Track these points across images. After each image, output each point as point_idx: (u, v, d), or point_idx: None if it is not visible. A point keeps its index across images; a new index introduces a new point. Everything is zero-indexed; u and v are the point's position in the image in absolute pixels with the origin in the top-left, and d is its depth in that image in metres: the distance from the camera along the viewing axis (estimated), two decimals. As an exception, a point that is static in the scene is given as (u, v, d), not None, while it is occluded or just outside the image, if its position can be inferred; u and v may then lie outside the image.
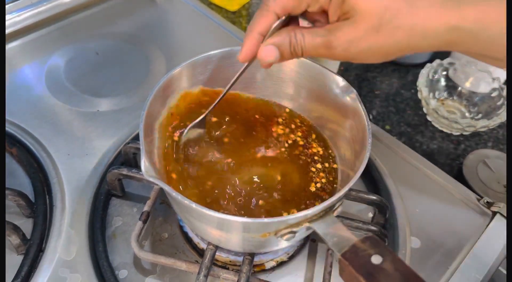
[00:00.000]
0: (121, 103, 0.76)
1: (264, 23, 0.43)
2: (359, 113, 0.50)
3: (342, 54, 0.41)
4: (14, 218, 0.60)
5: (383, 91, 0.87)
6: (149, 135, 0.51)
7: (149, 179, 0.43)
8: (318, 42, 0.41)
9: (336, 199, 0.43)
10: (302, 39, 0.42)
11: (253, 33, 0.44)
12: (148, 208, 0.59)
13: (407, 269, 0.37)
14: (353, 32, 0.40)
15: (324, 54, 0.42)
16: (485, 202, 0.65)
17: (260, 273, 0.58)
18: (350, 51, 0.40)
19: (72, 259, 0.57)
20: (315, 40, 0.42)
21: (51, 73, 0.81)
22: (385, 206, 0.59)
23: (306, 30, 0.42)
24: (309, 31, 0.42)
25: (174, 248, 0.59)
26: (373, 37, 0.39)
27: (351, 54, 0.41)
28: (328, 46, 0.41)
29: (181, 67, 0.54)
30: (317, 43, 0.41)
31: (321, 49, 0.42)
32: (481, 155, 0.74)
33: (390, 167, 0.69)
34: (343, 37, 0.40)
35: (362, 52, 0.40)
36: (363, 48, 0.40)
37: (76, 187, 0.64)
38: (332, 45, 0.41)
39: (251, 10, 1.04)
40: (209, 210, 0.41)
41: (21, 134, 0.70)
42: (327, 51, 0.41)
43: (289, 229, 0.44)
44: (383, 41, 0.39)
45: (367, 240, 0.39)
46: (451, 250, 0.61)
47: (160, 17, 0.96)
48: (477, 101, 0.81)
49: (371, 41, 0.39)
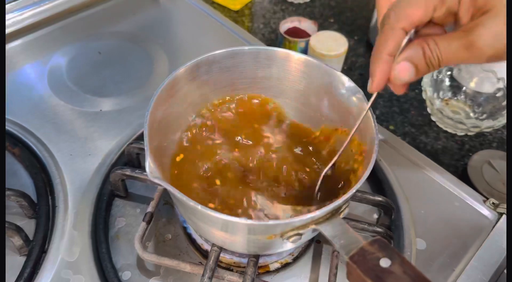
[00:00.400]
0: (124, 103, 0.76)
1: (392, 43, 0.39)
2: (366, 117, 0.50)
3: (490, 52, 0.36)
4: (17, 219, 0.59)
5: (387, 91, 0.86)
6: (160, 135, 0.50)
7: (154, 180, 0.42)
8: (456, 45, 0.37)
9: (343, 201, 0.43)
10: (436, 47, 0.38)
11: (382, 55, 0.39)
12: (152, 209, 0.58)
13: (416, 273, 0.36)
14: (498, 26, 0.35)
15: (466, 58, 0.37)
16: (491, 203, 0.65)
17: (265, 275, 0.57)
18: (499, 48, 0.35)
19: (75, 260, 0.56)
20: (451, 45, 0.37)
21: (53, 73, 0.80)
22: (390, 207, 0.59)
23: (439, 37, 0.38)
24: (442, 37, 0.38)
25: (177, 249, 0.59)
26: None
27: (500, 51, 0.36)
28: (470, 47, 0.36)
29: (185, 67, 0.53)
30: (455, 47, 0.37)
31: (462, 53, 0.37)
32: (486, 155, 0.74)
33: (395, 167, 0.69)
34: (488, 33, 0.35)
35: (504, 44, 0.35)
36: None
37: (78, 187, 0.63)
38: (476, 45, 0.36)
39: (254, 9, 1.03)
40: (214, 211, 0.41)
41: (23, 134, 0.69)
42: (470, 53, 0.36)
43: (295, 231, 0.43)
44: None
45: (375, 243, 0.39)
46: (456, 251, 0.61)
47: (162, 17, 0.95)
48: (481, 102, 0.81)
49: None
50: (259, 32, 0.98)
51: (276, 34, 0.97)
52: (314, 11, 1.04)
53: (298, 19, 0.91)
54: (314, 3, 1.06)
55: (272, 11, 1.03)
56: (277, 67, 0.57)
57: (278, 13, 1.03)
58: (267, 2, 1.06)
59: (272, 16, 1.02)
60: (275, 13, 1.03)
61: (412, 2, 0.38)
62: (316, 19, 0.91)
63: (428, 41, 0.38)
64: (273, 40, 0.96)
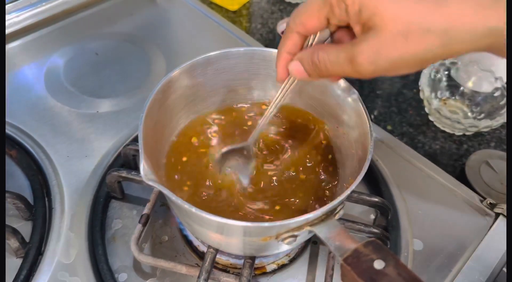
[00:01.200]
0: (121, 104, 0.76)
1: (290, 44, 0.43)
2: (360, 115, 0.50)
3: (371, 68, 0.36)
4: (13, 221, 0.60)
5: (385, 91, 0.86)
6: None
7: (148, 183, 0.42)
8: (342, 58, 0.37)
9: (338, 202, 0.43)
10: (326, 56, 0.39)
11: (282, 53, 0.44)
12: (148, 211, 0.58)
13: (410, 275, 0.36)
14: (379, 42, 0.35)
15: (350, 72, 0.38)
16: (488, 203, 0.65)
17: (261, 276, 0.57)
18: (379, 64, 0.36)
19: (71, 262, 0.56)
20: (339, 57, 0.38)
21: (50, 74, 0.80)
22: (387, 208, 0.59)
23: (334, 47, 0.39)
24: (336, 47, 0.39)
25: (174, 251, 0.59)
26: (403, 45, 0.34)
27: (380, 67, 0.36)
28: (352, 61, 0.37)
29: (180, 69, 0.53)
30: (342, 59, 0.38)
31: (346, 67, 0.38)
32: (484, 155, 0.73)
33: (392, 168, 0.68)
34: (369, 49, 0.36)
35: (393, 63, 0.36)
36: (393, 58, 0.35)
37: (75, 189, 0.63)
38: (357, 61, 0.36)
39: (252, 10, 1.03)
40: (209, 214, 0.41)
41: (20, 136, 0.69)
42: (353, 68, 0.37)
43: (290, 233, 0.43)
44: (414, 49, 0.34)
45: (369, 245, 0.39)
46: (454, 252, 0.60)
47: (160, 17, 0.95)
48: (479, 101, 0.80)
49: (401, 50, 0.35)
50: (257, 32, 0.97)
51: (274, 34, 0.97)
52: (312, 11, 1.04)
53: (295, 19, 0.91)
54: (312, 3, 1.06)
55: (270, 11, 1.03)
56: (272, 68, 0.57)
57: (276, 13, 1.03)
58: (265, 2, 1.05)
59: (270, 16, 1.02)
60: (273, 13, 1.03)
61: (307, 12, 0.40)
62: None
63: (320, 50, 0.40)
64: (271, 41, 0.96)
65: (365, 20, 0.36)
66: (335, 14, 0.38)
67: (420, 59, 0.35)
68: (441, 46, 0.34)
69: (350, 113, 0.52)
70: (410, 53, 0.35)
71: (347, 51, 0.37)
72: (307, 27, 0.41)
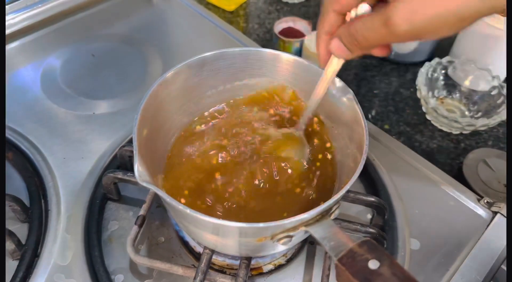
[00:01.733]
0: (117, 106, 0.76)
1: (327, 24, 0.42)
2: (356, 114, 0.50)
3: (408, 30, 0.35)
4: (9, 223, 0.60)
5: (382, 91, 0.86)
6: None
7: (143, 184, 0.42)
8: (378, 22, 0.36)
9: (333, 202, 0.42)
10: (362, 25, 0.38)
11: (321, 35, 0.43)
12: (144, 212, 0.58)
13: (404, 274, 0.36)
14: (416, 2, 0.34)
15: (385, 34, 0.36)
16: (485, 202, 0.65)
17: (258, 277, 0.57)
18: (415, 23, 0.34)
19: (67, 264, 0.56)
20: (374, 22, 0.37)
21: (46, 76, 0.80)
22: (383, 207, 0.59)
23: (370, 15, 0.38)
24: (372, 14, 0.38)
25: (170, 252, 0.59)
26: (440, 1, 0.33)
27: (417, 28, 0.34)
28: (387, 23, 0.35)
29: (175, 69, 0.53)
30: (377, 23, 0.36)
31: (383, 31, 0.36)
32: (481, 154, 0.73)
33: (389, 167, 0.68)
34: (404, 7, 0.34)
35: (431, 21, 0.34)
36: (430, 16, 0.34)
37: (71, 191, 0.63)
38: (393, 22, 0.35)
39: (248, 10, 1.03)
40: (204, 215, 0.41)
41: (17, 138, 0.69)
42: (389, 30, 0.36)
43: (285, 233, 0.43)
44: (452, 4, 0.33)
45: (364, 244, 0.39)
46: (451, 251, 0.60)
47: (156, 18, 0.95)
48: (476, 100, 0.80)
49: (438, 6, 0.33)
50: (254, 32, 0.97)
51: (271, 34, 0.97)
52: (309, 11, 1.04)
53: (292, 19, 0.91)
54: (309, 3, 1.06)
55: (267, 11, 1.03)
56: (267, 68, 0.57)
57: (273, 13, 1.03)
58: (262, 3, 1.05)
59: (266, 16, 1.02)
60: (270, 14, 1.02)
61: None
62: (311, 19, 0.91)
63: (355, 20, 0.39)
64: (268, 41, 0.96)
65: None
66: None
67: (460, 16, 0.34)
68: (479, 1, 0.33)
69: (345, 113, 0.52)
70: (448, 10, 0.33)
71: (382, 14, 0.36)
72: (342, 2, 0.40)
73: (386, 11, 0.35)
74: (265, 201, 0.52)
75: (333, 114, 0.55)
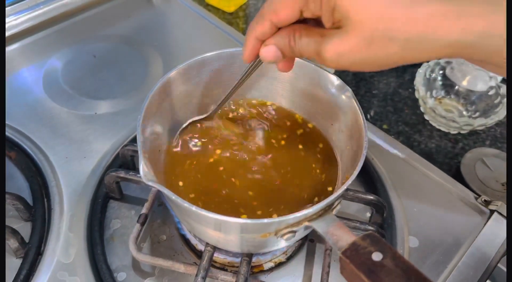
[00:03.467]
0: (119, 106, 0.77)
1: (260, 29, 0.43)
2: (355, 111, 0.51)
3: (333, 65, 0.39)
4: (13, 222, 0.60)
5: (381, 91, 0.87)
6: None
7: (148, 183, 0.43)
8: (312, 49, 0.40)
9: (334, 197, 0.43)
10: (300, 42, 0.41)
11: (250, 38, 0.44)
12: (146, 211, 0.59)
13: (408, 265, 0.37)
14: (343, 45, 0.37)
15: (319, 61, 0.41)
16: (482, 201, 0.65)
17: (259, 274, 0.58)
18: (341, 63, 0.38)
19: (70, 262, 0.57)
20: (309, 47, 0.40)
21: (48, 76, 0.81)
22: (382, 205, 0.59)
23: (305, 32, 0.41)
24: (307, 33, 0.40)
25: (172, 250, 0.59)
26: (365, 49, 0.36)
27: (342, 66, 0.39)
28: (319, 54, 0.39)
29: (176, 70, 0.54)
30: (311, 49, 0.40)
31: (315, 56, 0.40)
32: (479, 153, 0.74)
33: (388, 166, 0.69)
34: (333, 50, 0.38)
35: (354, 64, 0.38)
36: (354, 60, 0.38)
37: (74, 190, 0.64)
38: (322, 56, 0.39)
39: (248, 11, 1.04)
40: (210, 212, 0.41)
41: (19, 138, 0.70)
42: (320, 59, 0.40)
43: (289, 228, 0.44)
44: (374, 54, 0.36)
45: (367, 238, 0.39)
46: (449, 248, 0.61)
47: (157, 19, 0.96)
48: (474, 100, 0.81)
49: (362, 53, 0.37)
50: (254, 33, 0.98)
51: (270, 35, 0.97)
52: (308, 12, 1.04)
53: (291, 20, 0.92)
54: (308, 4, 1.07)
55: (266, 12, 1.04)
56: (267, 68, 0.58)
57: (272, 15, 1.03)
58: (262, 4, 1.06)
59: (266, 17, 1.02)
60: (269, 15, 1.03)
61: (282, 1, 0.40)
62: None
63: (296, 33, 0.41)
64: (268, 42, 0.96)
65: (336, 19, 0.37)
66: (310, 8, 0.39)
67: (379, 64, 0.37)
68: (401, 54, 0.36)
69: (344, 110, 0.53)
70: (371, 58, 0.37)
71: (316, 43, 0.39)
72: (280, 16, 0.40)
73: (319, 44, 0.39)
74: (266, 199, 0.53)
75: (332, 112, 0.55)
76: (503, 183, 0.70)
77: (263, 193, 0.53)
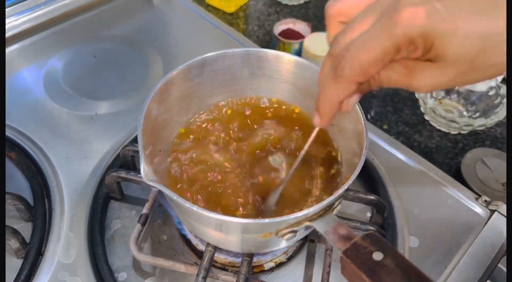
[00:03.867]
0: (119, 106, 0.77)
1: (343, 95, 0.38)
2: (355, 112, 0.51)
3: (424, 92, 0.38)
4: (13, 222, 0.60)
5: (381, 91, 0.87)
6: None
7: (149, 183, 0.43)
8: (397, 82, 0.37)
9: (335, 197, 0.43)
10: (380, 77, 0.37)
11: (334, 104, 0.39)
12: (147, 211, 0.59)
13: (408, 265, 0.37)
14: (440, 78, 0.35)
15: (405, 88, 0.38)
16: (483, 201, 0.65)
17: (259, 274, 0.58)
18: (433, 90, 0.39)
19: (71, 262, 0.57)
20: (392, 78, 0.37)
21: (49, 77, 0.81)
22: (382, 205, 0.59)
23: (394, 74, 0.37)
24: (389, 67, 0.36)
25: (173, 250, 0.59)
26: (463, 77, 0.35)
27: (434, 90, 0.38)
28: (407, 86, 0.37)
29: (177, 70, 0.54)
30: (395, 81, 0.37)
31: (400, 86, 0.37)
32: (479, 153, 0.74)
33: (388, 166, 0.69)
34: (429, 84, 0.36)
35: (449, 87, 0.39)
36: (449, 86, 0.37)
37: (75, 190, 0.64)
38: (412, 87, 0.37)
39: (248, 12, 1.04)
40: (210, 212, 0.41)
41: (20, 138, 0.70)
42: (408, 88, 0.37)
43: (290, 228, 0.44)
44: (474, 79, 0.35)
45: (367, 237, 0.39)
46: (449, 248, 0.61)
47: (157, 20, 0.96)
48: (474, 100, 0.81)
49: (458, 81, 0.35)
50: (254, 34, 0.98)
51: (271, 36, 0.97)
52: (308, 13, 1.05)
53: (292, 21, 0.92)
54: (308, 5, 1.07)
55: (266, 13, 1.04)
56: (268, 68, 0.58)
57: (272, 15, 1.04)
58: (262, 4, 1.06)
59: (266, 18, 1.03)
60: (270, 15, 1.03)
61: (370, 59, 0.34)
62: (310, 21, 0.92)
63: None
64: (268, 42, 0.96)
65: (429, 57, 0.34)
66: (400, 54, 0.34)
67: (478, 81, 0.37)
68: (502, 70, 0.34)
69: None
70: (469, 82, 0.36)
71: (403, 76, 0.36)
72: (368, 74, 0.35)
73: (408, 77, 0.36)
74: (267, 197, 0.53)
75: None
76: (503, 183, 0.70)
77: (264, 193, 0.53)
